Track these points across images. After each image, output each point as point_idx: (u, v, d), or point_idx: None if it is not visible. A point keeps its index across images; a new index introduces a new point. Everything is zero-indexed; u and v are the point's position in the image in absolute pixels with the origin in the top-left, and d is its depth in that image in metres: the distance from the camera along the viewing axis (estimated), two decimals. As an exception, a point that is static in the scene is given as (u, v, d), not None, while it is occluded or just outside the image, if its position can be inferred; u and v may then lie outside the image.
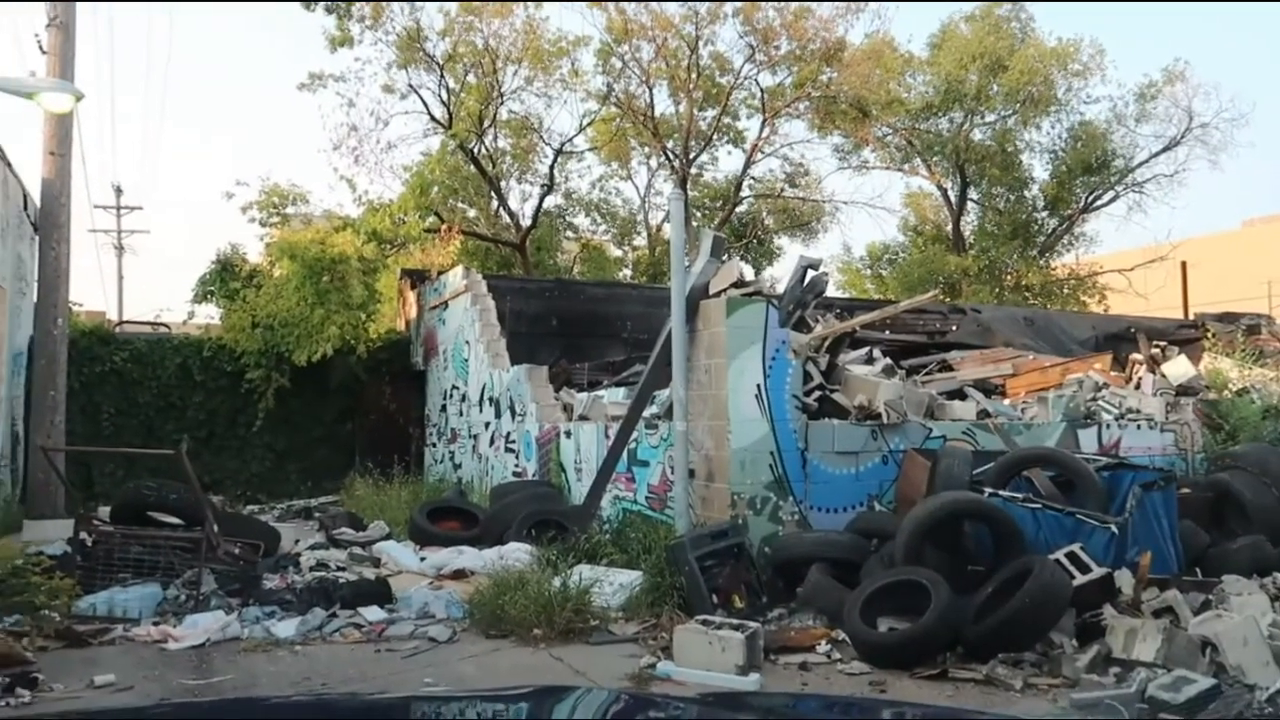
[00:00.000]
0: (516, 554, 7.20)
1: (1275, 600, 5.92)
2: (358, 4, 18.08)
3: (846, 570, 6.30)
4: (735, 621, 5.38)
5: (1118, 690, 4.56)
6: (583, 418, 9.73)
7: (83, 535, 7.13)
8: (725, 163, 35.44)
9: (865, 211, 48.24)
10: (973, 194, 24.06)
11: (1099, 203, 23.13)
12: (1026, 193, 23.52)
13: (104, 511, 8.05)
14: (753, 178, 23.20)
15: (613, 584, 6.37)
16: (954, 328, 13.68)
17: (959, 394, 9.42)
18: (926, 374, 10.51)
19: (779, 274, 22.33)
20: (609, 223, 23.73)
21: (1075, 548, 5.71)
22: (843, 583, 6.14)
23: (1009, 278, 22.69)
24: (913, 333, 13.39)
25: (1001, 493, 6.38)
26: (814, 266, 8.59)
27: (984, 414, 8.53)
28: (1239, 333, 12.84)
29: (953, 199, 23.82)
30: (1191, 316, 17.30)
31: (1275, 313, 19.69)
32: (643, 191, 23.39)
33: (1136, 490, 6.27)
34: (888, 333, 12.57)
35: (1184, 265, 20.56)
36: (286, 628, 5.99)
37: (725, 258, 7.96)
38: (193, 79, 66.57)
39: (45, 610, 6.01)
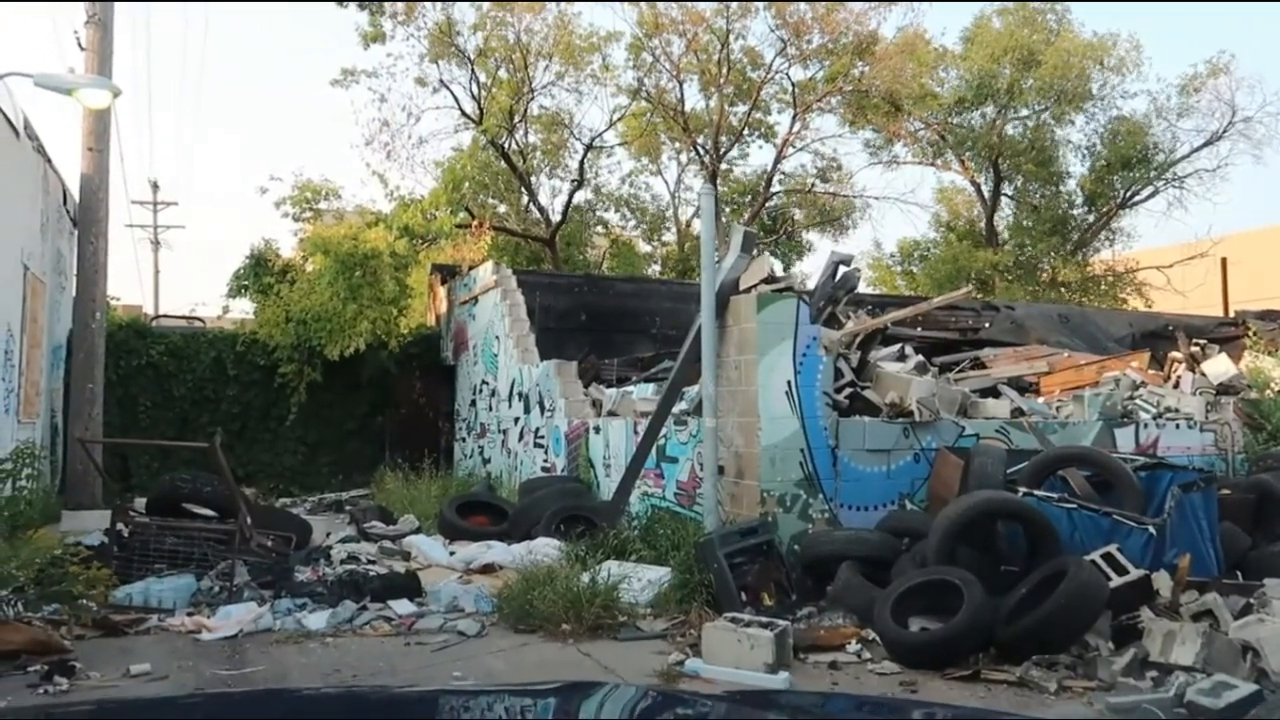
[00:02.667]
0: (545, 549, 7.22)
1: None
2: (390, 2, 18.22)
3: (877, 569, 6.24)
4: (764, 619, 5.34)
5: (1155, 694, 4.47)
6: (611, 413, 9.72)
7: (119, 526, 7.25)
8: (755, 158, 35.18)
9: (897, 207, 47.79)
10: (1006, 189, 23.73)
11: (1138, 198, 22.73)
12: (1062, 188, 23.16)
13: (140, 503, 8.17)
14: (783, 173, 23.06)
15: (641, 580, 6.36)
16: (987, 325, 13.50)
17: (992, 392, 9.29)
18: (959, 371, 10.38)
19: (809, 270, 22.22)
20: (638, 218, 23.72)
21: (1112, 549, 5.60)
22: (873, 582, 6.08)
23: (1044, 274, 22.35)
24: (945, 330, 13.22)
25: (1036, 492, 6.28)
26: (846, 262, 8.51)
27: (1018, 412, 8.42)
28: (1281, 331, 12.57)
29: (986, 194, 23.52)
30: (1232, 314, 16.97)
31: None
32: (673, 187, 23.37)
33: (1176, 491, 6.14)
34: (919, 330, 12.42)
35: (1224, 262, 20.21)
36: (317, 620, 6.04)
37: (755, 253, 7.90)
38: (228, 75, 67.41)
39: (83, 600, 6.12)
